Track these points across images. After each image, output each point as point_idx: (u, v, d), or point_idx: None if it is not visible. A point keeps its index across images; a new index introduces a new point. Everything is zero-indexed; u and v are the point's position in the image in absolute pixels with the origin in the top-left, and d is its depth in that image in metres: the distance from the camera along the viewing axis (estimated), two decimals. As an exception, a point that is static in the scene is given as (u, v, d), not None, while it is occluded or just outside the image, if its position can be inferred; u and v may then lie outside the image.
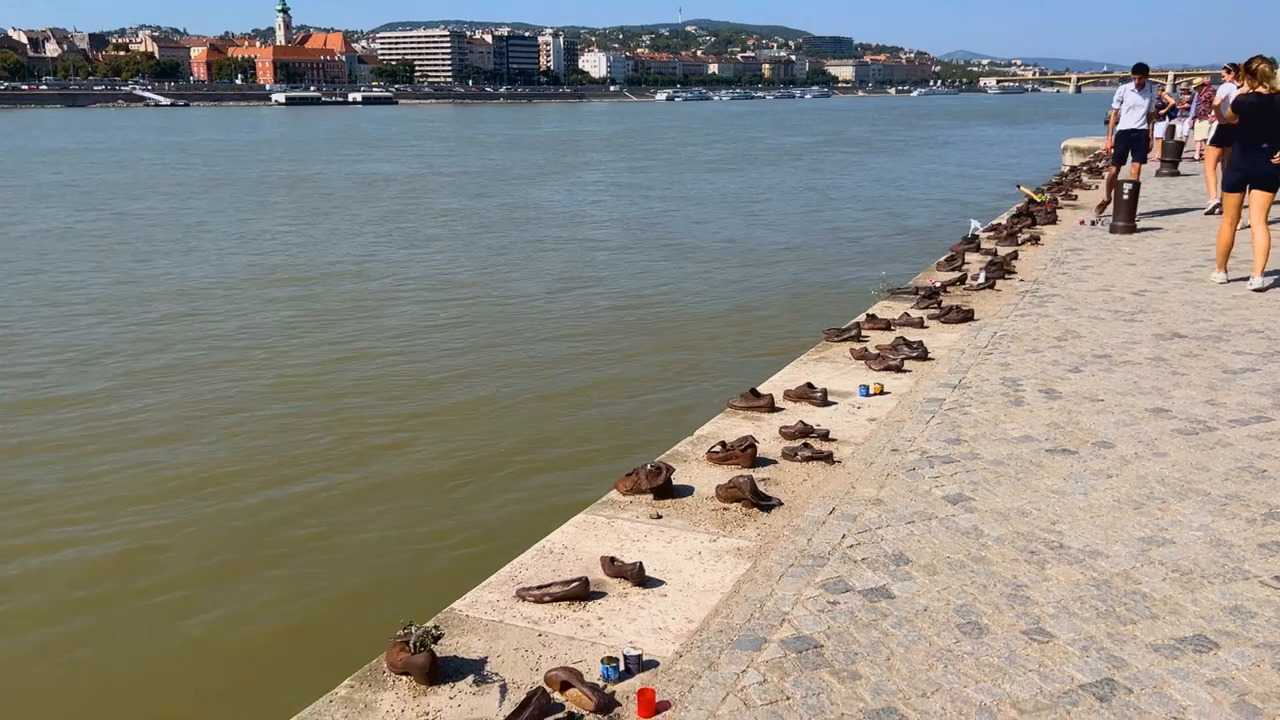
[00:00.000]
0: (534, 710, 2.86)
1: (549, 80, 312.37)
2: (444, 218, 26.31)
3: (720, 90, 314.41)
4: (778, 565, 3.90)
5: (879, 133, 78.50)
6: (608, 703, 3.00)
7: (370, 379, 11.02)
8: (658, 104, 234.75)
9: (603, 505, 4.55)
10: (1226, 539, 3.97)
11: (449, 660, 3.26)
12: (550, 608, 3.62)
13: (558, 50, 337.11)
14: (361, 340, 12.85)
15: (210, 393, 10.52)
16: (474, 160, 49.62)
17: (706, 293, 15.71)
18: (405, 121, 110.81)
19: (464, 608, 3.62)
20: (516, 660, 3.26)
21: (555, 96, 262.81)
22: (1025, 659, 3.19)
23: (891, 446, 5.17)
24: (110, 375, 11.25)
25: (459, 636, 3.42)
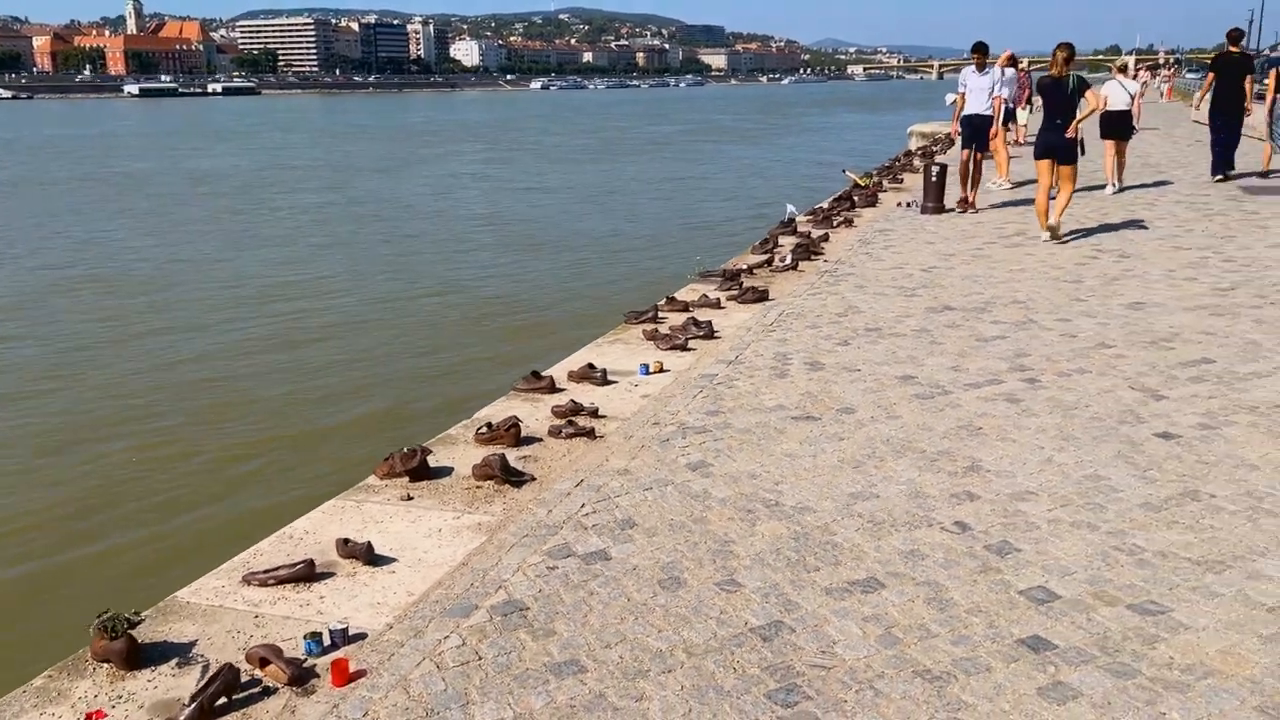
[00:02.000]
0: (220, 685, 2.96)
1: (420, 69, 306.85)
2: (277, 214, 25.73)
3: (595, 79, 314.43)
4: (511, 537, 4.08)
5: (746, 121, 79.90)
6: (303, 675, 3.12)
7: (142, 364, 10.93)
8: (532, 93, 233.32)
9: (356, 490, 4.65)
10: (925, 491, 4.33)
11: (156, 645, 3.33)
12: (275, 590, 3.71)
13: (428, 38, 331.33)
14: (141, 337, 12.60)
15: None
16: (326, 153, 48.57)
17: (532, 282, 16.12)
18: (262, 113, 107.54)
19: (186, 594, 3.69)
20: (226, 641, 3.35)
21: (427, 85, 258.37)
22: (710, 608, 3.45)
23: (654, 420, 5.42)
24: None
25: (174, 623, 3.48)
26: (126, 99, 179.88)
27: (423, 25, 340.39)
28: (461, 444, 5.20)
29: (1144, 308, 7.38)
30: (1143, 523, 3.93)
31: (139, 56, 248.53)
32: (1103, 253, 9.65)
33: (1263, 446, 4.63)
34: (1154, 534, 3.83)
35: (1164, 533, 3.83)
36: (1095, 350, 6.33)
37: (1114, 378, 5.76)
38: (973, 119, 12.47)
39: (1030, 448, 4.76)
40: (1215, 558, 3.62)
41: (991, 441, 4.87)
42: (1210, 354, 6.14)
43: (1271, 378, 5.63)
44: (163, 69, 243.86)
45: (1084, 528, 3.91)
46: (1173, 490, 4.21)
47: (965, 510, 4.12)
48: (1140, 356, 6.15)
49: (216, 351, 12.04)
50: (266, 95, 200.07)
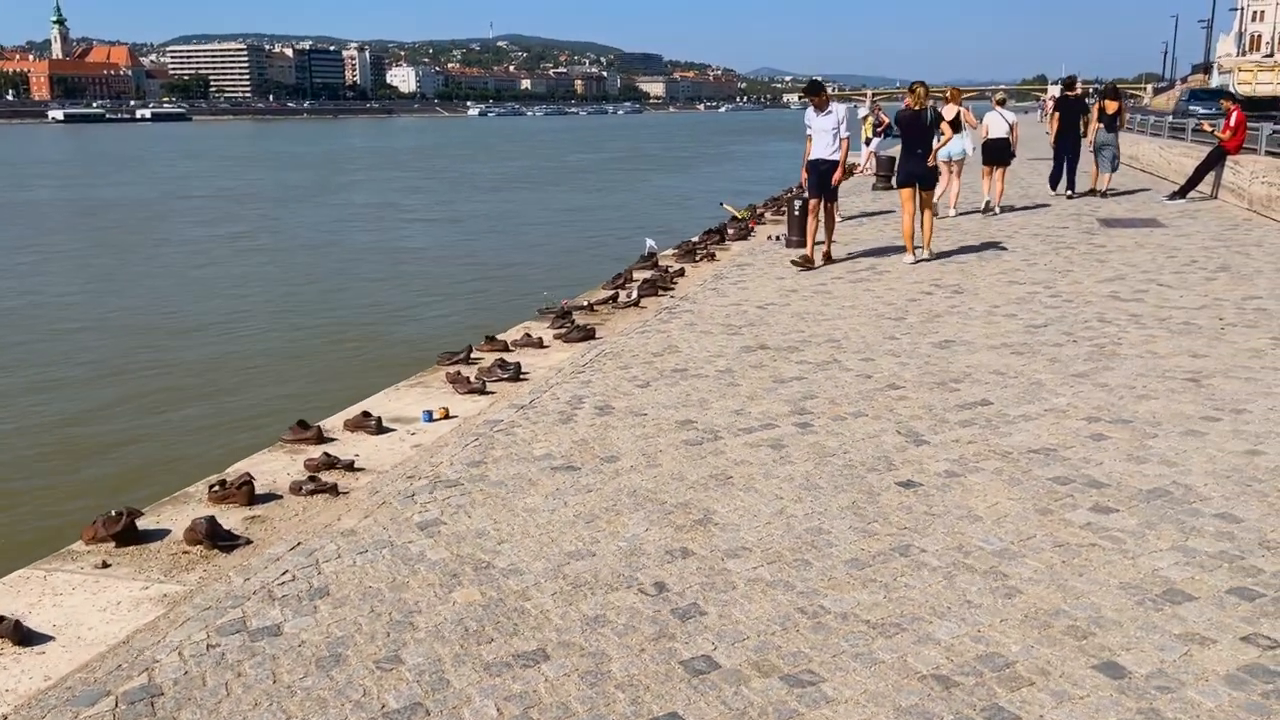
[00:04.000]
0: None
1: (356, 95, 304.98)
2: (154, 247, 25.10)
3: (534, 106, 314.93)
4: (191, 610, 3.83)
5: (673, 149, 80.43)
6: None
7: None
8: (470, 119, 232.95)
9: (56, 556, 4.37)
10: (643, 548, 4.18)
11: None
12: (-101, 677, 3.43)
13: (364, 64, 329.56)
14: None
15: None
16: (234, 181, 47.75)
17: (375, 316, 15.90)
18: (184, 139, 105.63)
19: None
20: None
21: (363, 111, 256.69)
22: (354, 689, 3.23)
23: (409, 474, 5.21)
24: None
25: None
26: (51, 125, 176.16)
27: (358, 51, 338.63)
28: (195, 502, 4.94)
29: (951, 346, 7.37)
30: (840, 582, 3.81)
31: (65, 81, 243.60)
32: (939, 288, 9.68)
33: (996, 496, 4.56)
34: (845, 594, 3.71)
35: (856, 593, 3.72)
36: (882, 392, 6.27)
37: (886, 421, 5.69)
38: (818, 164, 11.00)
39: (769, 498, 4.64)
40: (894, 620, 3.50)
41: (735, 491, 4.74)
42: (991, 395, 6.11)
43: (1037, 420, 5.60)
44: (90, 94, 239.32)
45: (780, 587, 3.78)
46: (886, 545, 4.11)
47: (672, 569, 3.98)
48: (923, 398, 6.10)
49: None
50: (197, 121, 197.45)
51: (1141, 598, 3.58)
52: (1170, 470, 4.79)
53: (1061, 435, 5.33)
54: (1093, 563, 3.87)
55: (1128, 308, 8.48)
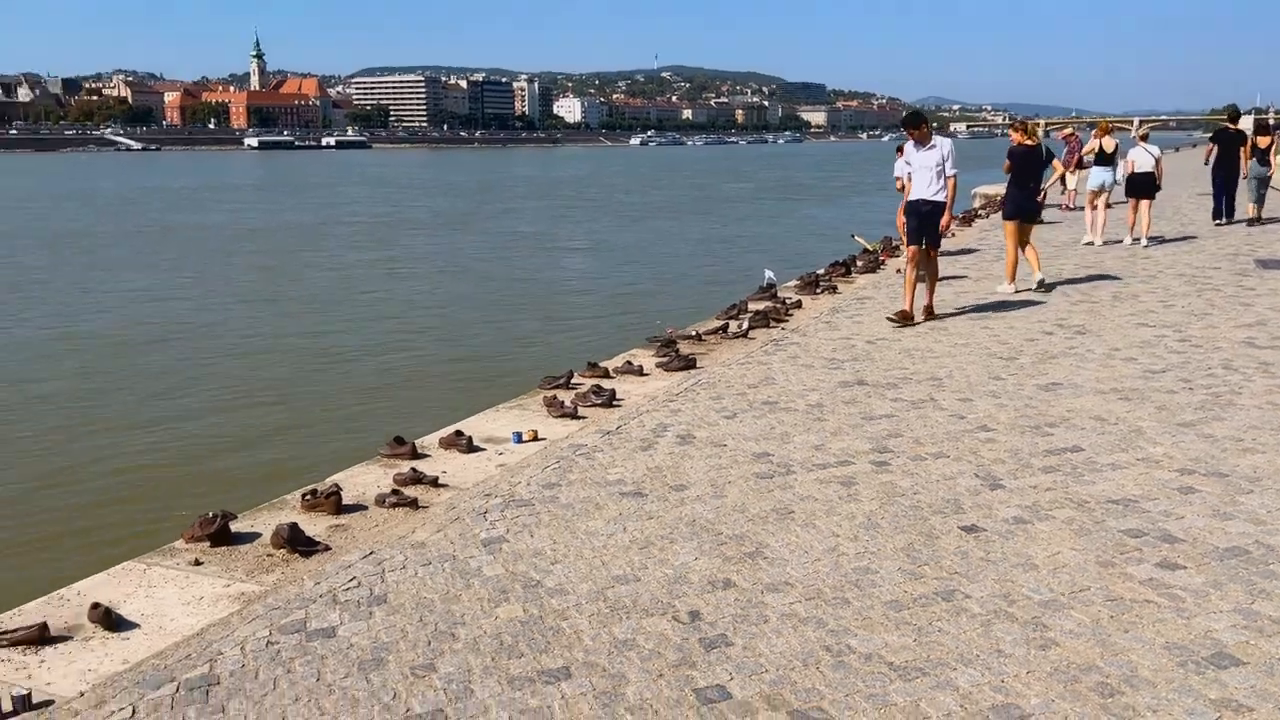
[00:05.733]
0: None
1: (524, 125, 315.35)
2: (302, 269, 26.49)
3: (694, 135, 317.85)
4: (261, 608, 4.14)
5: (827, 179, 79.74)
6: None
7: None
8: (630, 148, 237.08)
9: (156, 552, 4.79)
10: (688, 577, 4.25)
11: None
12: (5, 651, 3.84)
13: (533, 95, 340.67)
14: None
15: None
16: (391, 208, 50.02)
17: (495, 342, 16.45)
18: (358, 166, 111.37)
19: (-79, 649, 3.84)
20: (-79, 700, 3.48)
21: (530, 141, 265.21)
22: (386, 692, 3.44)
23: (488, 492, 5.44)
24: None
25: (-111, 677, 3.64)
26: (246, 151, 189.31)
27: (528, 83, 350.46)
28: (288, 509, 5.30)
29: (1056, 389, 7.10)
30: (874, 622, 3.78)
31: (260, 111, 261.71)
32: (1062, 328, 9.32)
33: (1059, 545, 4.41)
34: (875, 635, 3.68)
35: (886, 634, 3.68)
36: (971, 433, 6.12)
37: (967, 464, 5.56)
38: (918, 206, 9.75)
39: (825, 535, 4.63)
40: (917, 664, 3.46)
41: (793, 526, 4.75)
42: (1084, 442, 5.87)
43: (1126, 470, 5.36)
44: (282, 123, 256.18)
45: (811, 624, 3.78)
46: (930, 589, 4.04)
47: (710, 599, 4.03)
48: (1011, 442, 5.93)
49: (131, 400, 12.49)
50: (377, 149, 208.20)
51: (1185, 659, 3.41)
52: (1256, 529, 4.51)
53: (1147, 486, 5.09)
54: (1142, 619, 3.70)
55: (1260, 355, 7.96)
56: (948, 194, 9.66)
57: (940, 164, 9.58)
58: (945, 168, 9.60)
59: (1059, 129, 26.95)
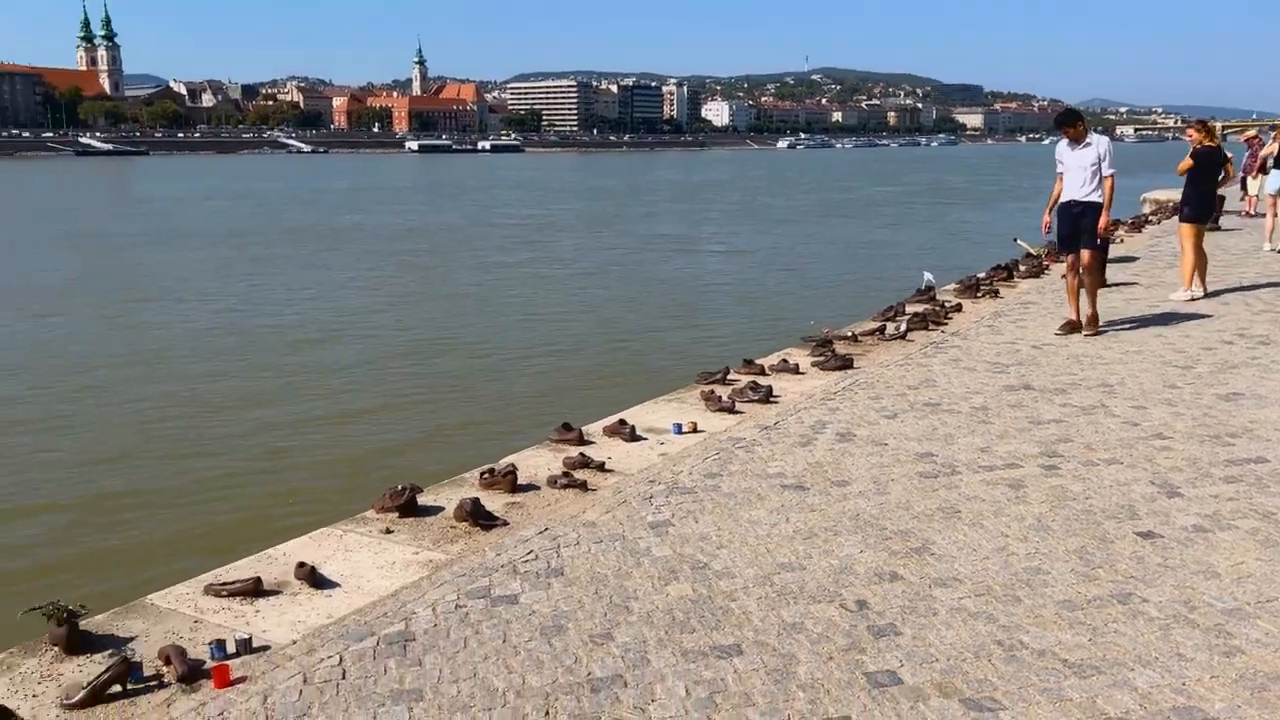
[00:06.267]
0: (112, 675, 3.48)
1: (672, 129, 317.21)
2: (452, 269, 27.32)
3: (843, 138, 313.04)
4: (448, 575, 4.44)
5: (981, 182, 77.31)
6: (192, 675, 3.59)
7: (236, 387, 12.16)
8: (777, 151, 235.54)
9: (350, 520, 5.16)
10: (853, 568, 4.32)
11: (103, 636, 3.92)
12: (224, 601, 4.24)
13: (681, 99, 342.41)
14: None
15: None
16: (537, 209, 51.01)
17: (644, 338, 16.51)
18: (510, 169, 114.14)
19: (155, 597, 4.28)
20: (161, 639, 3.89)
21: (677, 144, 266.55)
22: (567, 656, 3.65)
23: (652, 479, 5.63)
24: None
25: (129, 619, 4.07)
26: (407, 154, 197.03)
27: (677, 87, 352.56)
28: (467, 486, 5.62)
29: (1238, 400, 6.80)
30: (1046, 620, 3.76)
31: (420, 116, 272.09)
32: (1243, 337, 8.88)
33: (1243, 555, 4.27)
34: (1048, 633, 3.67)
35: (1060, 633, 3.66)
36: (1145, 441, 5.94)
37: (1142, 470, 5.41)
38: (1069, 207, 9.25)
39: (993, 535, 4.61)
40: (1093, 662, 3.44)
41: (960, 525, 4.75)
42: (1270, 453, 5.62)
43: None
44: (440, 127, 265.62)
45: (981, 619, 3.80)
46: (1106, 591, 3.99)
47: (877, 590, 4.09)
48: (1189, 451, 5.72)
49: (306, 387, 13.21)
50: (529, 153, 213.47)
51: (1385, 676, 3.28)
52: None
53: (1342, 501, 4.85)
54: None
55: None
56: (1104, 195, 9.10)
57: (1096, 163, 9.04)
58: (1101, 167, 9.04)
59: (1238, 131, 25.44)
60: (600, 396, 11.40)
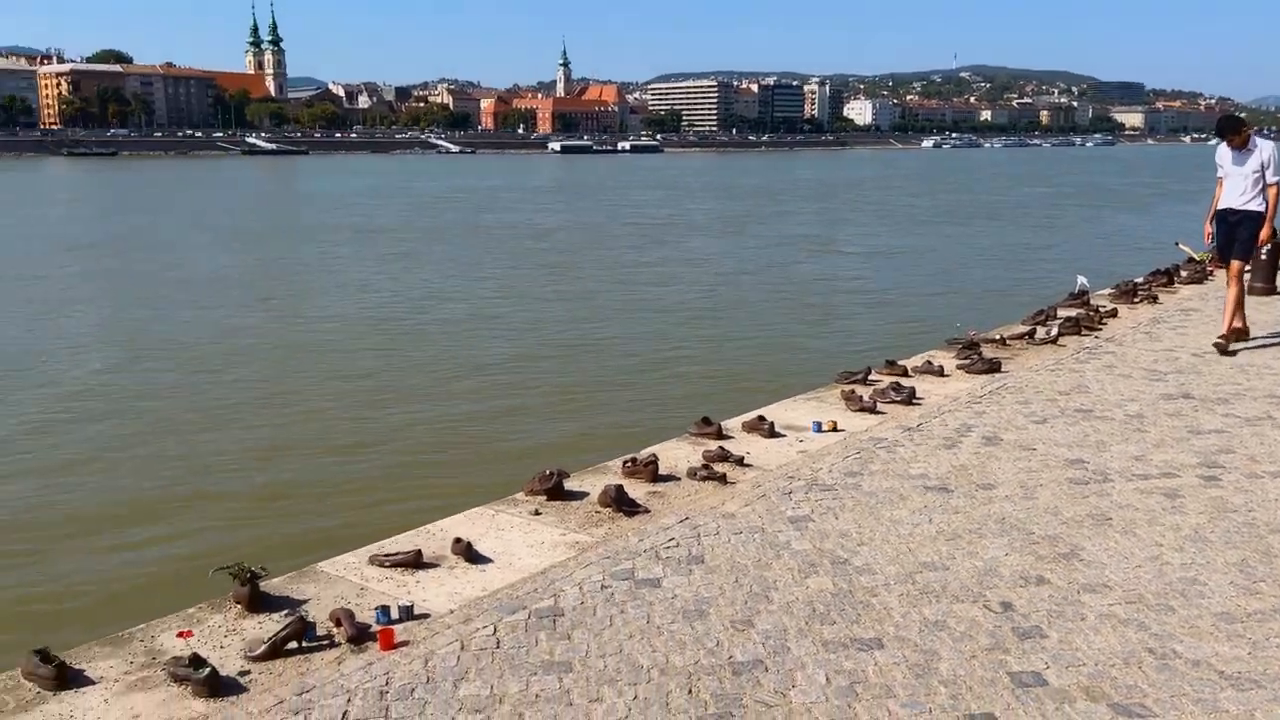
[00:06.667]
0: (289, 632, 3.78)
1: (812, 128, 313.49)
2: (584, 267, 27.67)
3: (992, 138, 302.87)
4: (594, 556, 4.61)
5: (1138, 185, 73.60)
6: (361, 637, 3.86)
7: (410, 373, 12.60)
8: (922, 151, 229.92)
9: (502, 501, 5.40)
10: (999, 570, 4.28)
11: (280, 597, 4.24)
12: (387, 571, 4.52)
13: (823, 98, 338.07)
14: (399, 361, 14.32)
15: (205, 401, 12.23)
16: (672, 209, 51.07)
17: (780, 337, 16.79)
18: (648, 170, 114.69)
19: (325, 565, 4.60)
20: (331, 602, 4.19)
21: (817, 144, 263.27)
22: (709, 639, 3.76)
23: (791, 475, 5.68)
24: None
25: (303, 584, 4.39)
26: (549, 155, 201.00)
27: (819, 86, 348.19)
28: (610, 474, 5.79)
29: None
30: (1203, 631, 3.66)
31: (563, 117, 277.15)
32: None
33: None
34: (1204, 644, 3.57)
35: (1216, 644, 3.56)
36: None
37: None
38: (1227, 216, 8.83)
39: (1147, 544, 4.48)
40: (1252, 676, 3.33)
41: (1111, 533, 4.63)
42: None
43: None
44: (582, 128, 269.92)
45: (1132, 626, 3.72)
46: (1269, 605, 3.84)
47: (1023, 593, 4.05)
48: (1367, 466, 5.41)
49: (458, 380, 13.65)
50: (668, 153, 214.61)
51: None
52: None
53: None
54: None
55: None
56: (1267, 204, 8.62)
57: (1259, 170, 8.58)
58: (1266, 175, 8.56)
59: None
60: (737, 394, 11.48)
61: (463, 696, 3.42)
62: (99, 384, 13.32)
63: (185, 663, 3.52)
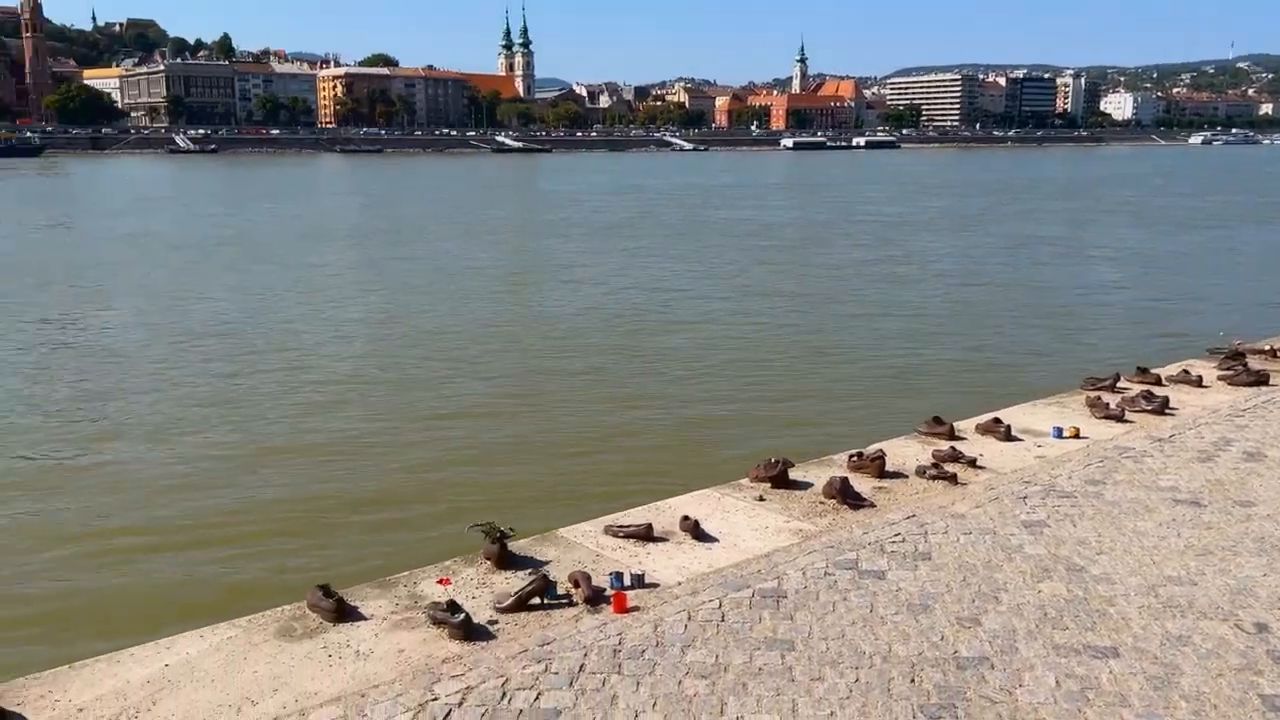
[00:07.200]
0: (533, 588, 4.10)
1: (1064, 123, 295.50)
2: (805, 265, 27.07)
3: (1273, 133, 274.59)
4: (817, 544, 4.69)
5: None
6: (596, 598, 4.13)
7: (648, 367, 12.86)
8: (1188, 148, 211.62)
9: (728, 485, 5.57)
10: (1254, 590, 4.03)
11: (525, 557, 4.58)
12: (621, 541, 4.79)
13: (1077, 92, 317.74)
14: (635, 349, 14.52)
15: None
16: (903, 206, 49.24)
17: (1023, 339, 15.91)
18: (882, 166, 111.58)
19: (564, 531, 4.92)
20: (569, 565, 4.49)
21: (1068, 140, 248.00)
22: (935, 633, 3.77)
23: (1026, 479, 5.53)
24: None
25: (545, 547, 4.73)
26: (782, 151, 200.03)
27: (1073, 79, 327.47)
28: (835, 466, 5.83)
29: None
30: None
31: (797, 113, 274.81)
32: None
33: None
34: None
35: None
36: None
37: None
38: None
39: None
40: None
41: (1392, 562, 4.24)
42: None
43: None
44: (816, 124, 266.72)
45: None
46: None
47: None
48: None
49: (701, 370, 13.79)
50: (905, 149, 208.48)
51: None
52: None
53: None
54: None
55: None
56: None
57: None
58: None
59: None
60: (968, 395, 11.13)
61: (689, 662, 3.61)
62: (374, 370, 14.53)
63: (443, 608, 3.90)
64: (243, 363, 13.91)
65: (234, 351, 14.62)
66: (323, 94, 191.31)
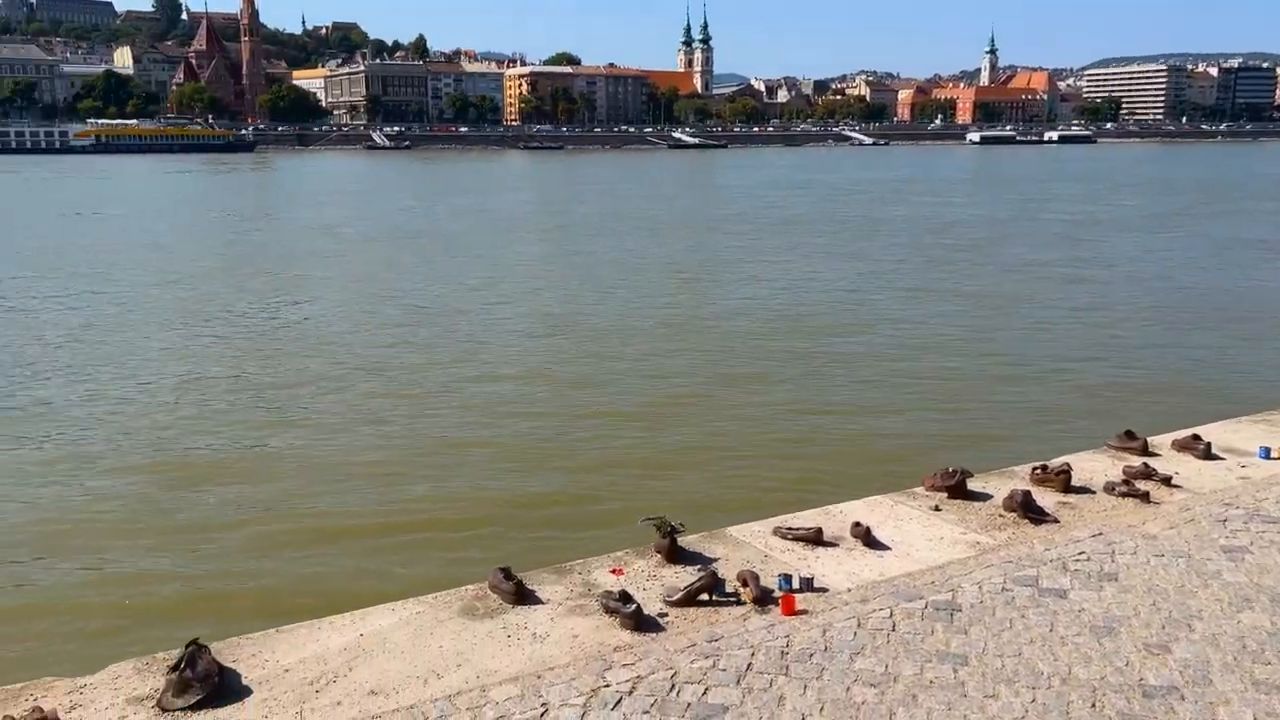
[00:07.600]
0: (702, 585, 4.16)
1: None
2: (976, 265, 25.73)
3: None
4: (995, 559, 4.57)
5: None
6: (765, 599, 4.17)
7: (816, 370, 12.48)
8: None
9: (901, 493, 5.48)
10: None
11: (695, 552, 4.66)
12: (790, 543, 4.80)
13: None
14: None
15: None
16: (1093, 205, 46.27)
17: (1215, 351, 14.84)
18: (1076, 161, 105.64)
19: (733, 530, 4.97)
20: (737, 564, 4.54)
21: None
22: (1118, 658, 3.63)
23: (1227, 501, 5.20)
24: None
25: (714, 544, 4.79)
26: (966, 145, 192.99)
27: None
28: (1017, 479, 5.64)
29: None
30: None
31: (985, 107, 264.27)
32: None
33: None
34: None
35: None
36: None
37: None
38: None
39: None
40: None
41: None
42: None
43: None
44: (1005, 118, 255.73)
45: None
46: None
47: None
48: None
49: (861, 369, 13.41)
50: (1101, 144, 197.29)
51: None
52: None
53: None
54: None
55: None
56: None
57: None
58: None
59: None
60: (1159, 409, 10.50)
61: (858, 669, 3.59)
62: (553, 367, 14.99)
63: (616, 597, 4.02)
64: (430, 354, 14.66)
65: (424, 342, 15.43)
66: (509, 92, 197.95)
